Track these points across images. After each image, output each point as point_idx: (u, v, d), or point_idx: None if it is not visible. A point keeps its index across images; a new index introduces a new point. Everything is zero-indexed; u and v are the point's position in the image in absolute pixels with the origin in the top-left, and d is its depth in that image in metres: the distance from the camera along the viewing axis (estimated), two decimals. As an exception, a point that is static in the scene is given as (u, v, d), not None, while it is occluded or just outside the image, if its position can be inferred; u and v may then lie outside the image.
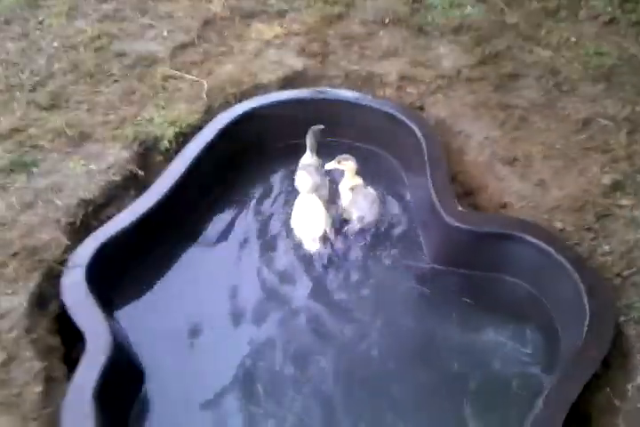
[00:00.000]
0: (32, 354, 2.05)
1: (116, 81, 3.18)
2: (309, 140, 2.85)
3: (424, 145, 2.65)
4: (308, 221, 2.62)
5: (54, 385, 2.02)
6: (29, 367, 2.01)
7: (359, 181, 2.75)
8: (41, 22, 3.59)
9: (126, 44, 3.40)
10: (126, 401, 2.10)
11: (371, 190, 2.72)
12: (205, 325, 2.41)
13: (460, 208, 2.42)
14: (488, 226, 2.36)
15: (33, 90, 3.10)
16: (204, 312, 2.45)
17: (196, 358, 2.32)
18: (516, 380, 2.22)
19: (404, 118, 2.80)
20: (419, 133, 2.71)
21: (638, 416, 1.90)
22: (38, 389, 1.96)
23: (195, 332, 2.39)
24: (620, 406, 1.93)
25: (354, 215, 2.68)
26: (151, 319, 2.41)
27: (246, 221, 2.81)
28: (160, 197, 2.54)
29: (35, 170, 2.70)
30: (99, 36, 3.45)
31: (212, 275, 2.60)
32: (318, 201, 2.67)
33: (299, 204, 2.69)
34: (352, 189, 2.72)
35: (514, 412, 2.11)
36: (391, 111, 2.87)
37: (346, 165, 2.73)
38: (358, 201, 2.68)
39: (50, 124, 2.90)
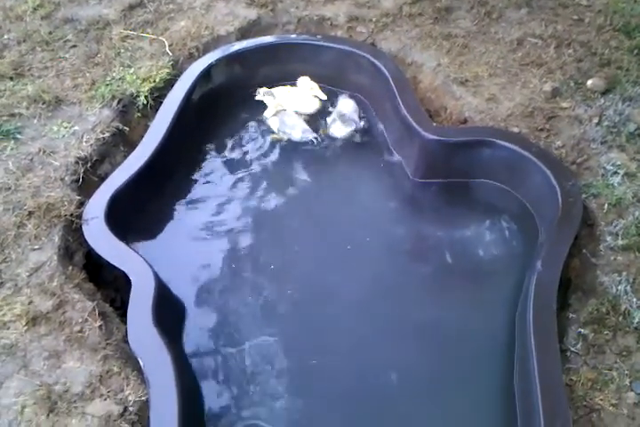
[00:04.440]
0: (80, 296, 2.18)
1: (74, 46, 3.19)
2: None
3: (388, 75, 2.90)
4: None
5: (108, 320, 2.18)
6: (82, 307, 2.14)
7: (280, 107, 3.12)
8: (-28, -3, 3.50)
9: (72, 10, 3.39)
10: (175, 321, 2.31)
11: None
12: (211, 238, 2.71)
13: (434, 124, 2.72)
14: (463, 136, 2.66)
15: (-9, 62, 3.08)
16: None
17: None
18: (503, 259, 2.59)
19: (365, 54, 3.03)
20: (381, 66, 2.96)
21: (611, 268, 2.32)
22: (98, 323, 2.10)
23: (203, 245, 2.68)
24: (597, 263, 2.34)
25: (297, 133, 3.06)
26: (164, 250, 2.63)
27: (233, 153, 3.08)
28: (154, 148, 2.66)
29: (20, 137, 2.74)
30: (41, 5, 3.42)
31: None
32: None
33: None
34: (276, 115, 3.09)
35: (507, 283, 2.49)
36: (350, 48, 3.09)
37: (267, 99, 3.15)
38: (285, 120, 3.06)
39: (21, 92, 2.91)
